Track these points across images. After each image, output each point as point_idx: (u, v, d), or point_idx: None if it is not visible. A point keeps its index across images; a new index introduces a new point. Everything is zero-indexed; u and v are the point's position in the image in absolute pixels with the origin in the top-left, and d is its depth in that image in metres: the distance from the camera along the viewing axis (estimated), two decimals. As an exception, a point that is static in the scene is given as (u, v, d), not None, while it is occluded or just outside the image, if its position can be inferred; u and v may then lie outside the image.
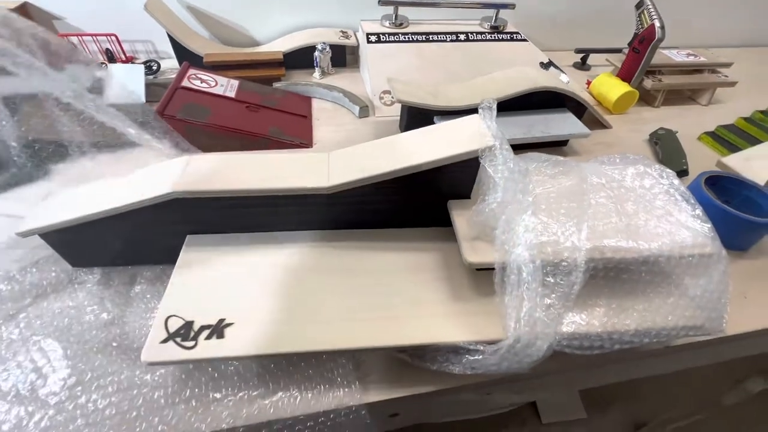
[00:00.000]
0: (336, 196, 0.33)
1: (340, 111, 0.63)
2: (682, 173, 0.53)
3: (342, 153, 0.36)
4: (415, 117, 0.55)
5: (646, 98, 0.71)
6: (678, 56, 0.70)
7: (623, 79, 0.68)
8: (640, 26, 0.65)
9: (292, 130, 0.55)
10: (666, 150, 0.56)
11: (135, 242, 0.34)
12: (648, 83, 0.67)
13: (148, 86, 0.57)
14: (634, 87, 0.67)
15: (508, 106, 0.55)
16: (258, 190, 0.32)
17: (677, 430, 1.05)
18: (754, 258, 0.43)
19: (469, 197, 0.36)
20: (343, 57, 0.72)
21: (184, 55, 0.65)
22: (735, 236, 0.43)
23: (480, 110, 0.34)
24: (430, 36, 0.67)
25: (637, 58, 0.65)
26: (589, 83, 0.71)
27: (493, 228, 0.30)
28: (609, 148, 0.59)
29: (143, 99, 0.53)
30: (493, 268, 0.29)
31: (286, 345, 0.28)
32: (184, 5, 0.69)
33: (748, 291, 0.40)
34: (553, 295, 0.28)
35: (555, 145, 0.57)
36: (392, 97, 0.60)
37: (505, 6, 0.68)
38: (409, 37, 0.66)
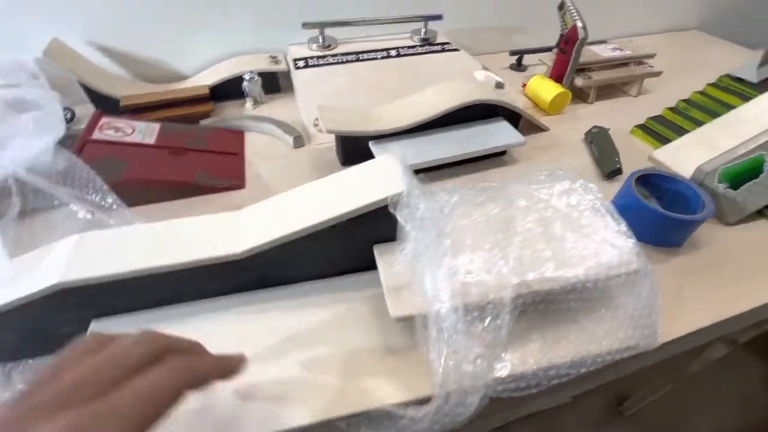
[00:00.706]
0: (251, 259, 0.31)
1: (274, 143, 0.60)
2: (615, 172, 0.54)
3: (254, 210, 0.34)
4: (350, 144, 0.53)
5: (580, 95, 0.72)
6: (605, 51, 0.72)
7: (555, 80, 0.69)
8: (564, 27, 0.66)
9: (223, 171, 0.53)
10: (600, 149, 0.57)
11: (33, 336, 0.31)
12: (579, 81, 0.68)
13: (63, 138, 0.53)
14: (566, 86, 0.68)
15: (442, 122, 0.54)
16: (161, 267, 0.29)
17: (655, 401, 1.10)
18: (688, 253, 0.44)
19: (395, 239, 0.35)
20: (276, 83, 0.70)
21: (100, 100, 0.61)
22: (668, 234, 0.44)
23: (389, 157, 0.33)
24: (361, 55, 0.66)
25: (565, 59, 0.66)
26: (524, 86, 0.71)
27: (413, 277, 0.29)
28: (547, 151, 0.60)
29: (49, 157, 0.48)
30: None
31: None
32: (95, 46, 0.64)
33: (684, 290, 0.41)
34: (482, 342, 0.27)
35: (494, 156, 0.57)
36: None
37: (432, 18, 0.68)
38: (338, 59, 0.65)
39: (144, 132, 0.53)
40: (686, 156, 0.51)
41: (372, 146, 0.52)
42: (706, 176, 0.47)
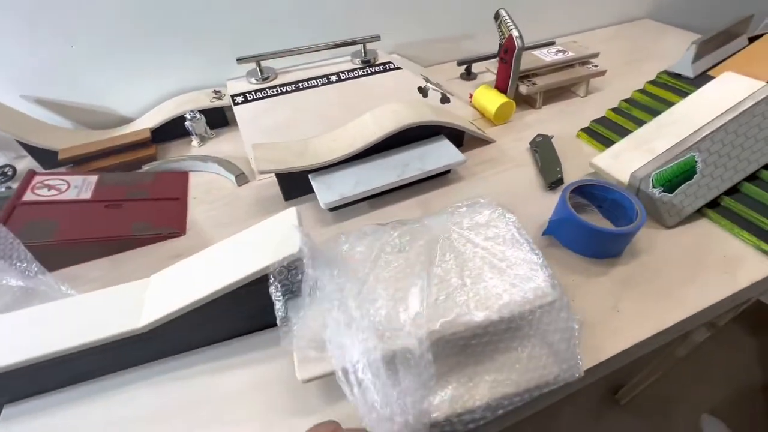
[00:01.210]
0: (158, 330, 0.31)
1: (219, 181, 0.60)
2: (558, 182, 0.54)
3: (162, 276, 0.33)
4: (287, 180, 0.53)
5: (529, 101, 0.72)
6: (548, 56, 0.72)
7: (500, 89, 0.68)
8: (502, 37, 0.66)
9: (163, 218, 0.52)
10: (543, 158, 0.57)
11: None
12: (523, 89, 0.68)
13: (1, 200, 0.52)
14: (511, 95, 0.68)
15: (383, 146, 0.54)
16: (61, 350, 0.29)
17: (647, 388, 1.10)
18: (627, 262, 0.44)
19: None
20: (223, 116, 0.69)
21: (40, 154, 0.60)
22: (604, 247, 0.43)
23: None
24: (301, 84, 0.65)
25: (507, 68, 0.66)
26: (471, 96, 0.71)
27: (323, 333, 0.28)
28: (493, 164, 0.60)
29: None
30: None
31: None
32: (32, 99, 0.63)
33: (620, 302, 0.40)
34: (406, 387, 0.27)
35: (438, 176, 0.56)
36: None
37: (369, 39, 0.67)
38: (278, 90, 0.64)
39: (80, 187, 0.52)
40: (624, 161, 0.51)
41: (312, 179, 0.52)
42: (641, 182, 0.47)
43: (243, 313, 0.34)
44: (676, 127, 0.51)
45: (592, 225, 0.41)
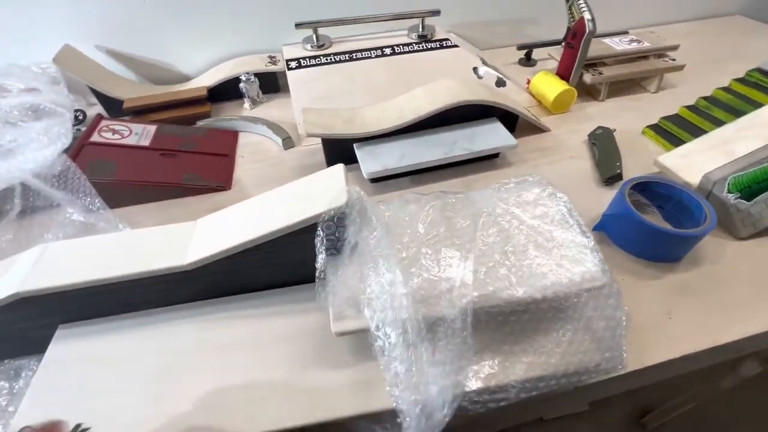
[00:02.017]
0: (202, 270, 0.32)
1: (266, 143, 0.61)
2: (616, 177, 0.50)
3: (209, 221, 0.34)
4: (333, 147, 0.53)
5: (591, 92, 0.67)
6: (620, 44, 0.66)
7: (562, 76, 0.64)
8: (571, 20, 0.61)
9: (211, 173, 0.54)
10: (602, 152, 0.53)
11: (6, 339, 0.33)
12: (588, 77, 0.64)
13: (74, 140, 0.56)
14: (573, 83, 0.64)
15: (431, 123, 0.52)
16: (114, 277, 0.30)
17: (681, 416, 1.03)
18: (684, 271, 0.40)
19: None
20: (276, 83, 0.70)
21: (108, 102, 0.64)
22: (661, 249, 0.40)
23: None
24: (355, 54, 0.65)
25: (573, 54, 0.62)
26: (529, 82, 0.67)
27: (362, 290, 0.28)
28: (545, 153, 0.57)
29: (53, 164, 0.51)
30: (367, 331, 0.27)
31: None
32: (104, 50, 0.67)
33: (674, 309, 0.37)
34: (441, 357, 0.26)
35: (486, 159, 0.54)
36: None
37: (429, 13, 0.65)
38: (331, 58, 0.64)
39: (140, 134, 0.55)
40: (696, 162, 0.47)
41: (356, 149, 0.52)
42: (715, 185, 0.42)
43: (282, 264, 0.34)
44: (763, 130, 0.46)
45: (654, 224, 0.38)
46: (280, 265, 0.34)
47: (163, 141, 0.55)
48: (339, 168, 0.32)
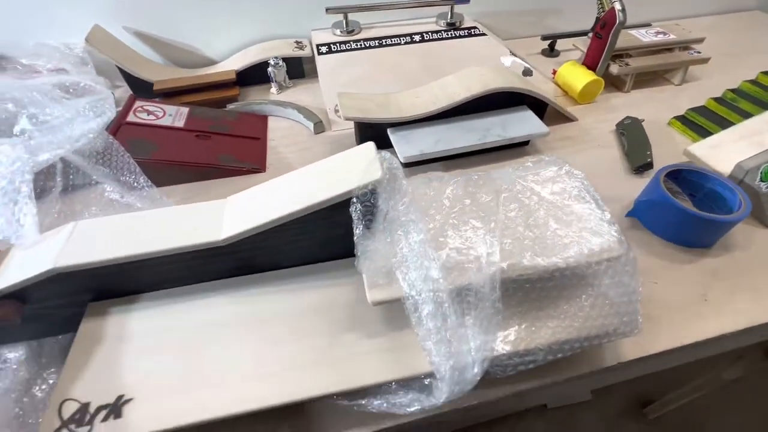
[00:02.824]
0: (235, 246, 0.32)
1: (296, 128, 0.61)
2: (646, 166, 0.51)
3: (240, 198, 0.35)
4: (367, 131, 0.53)
5: (616, 83, 0.68)
6: (646, 36, 0.67)
7: (589, 67, 0.65)
8: (601, 10, 0.62)
9: (245, 154, 0.54)
10: (631, 141, 0.54)
11: (33, 317, 0.33)
12: (614, 68, 0.64)
13: (100, 121, 0.56)
14: (600, 74, 0.64)
15: (463, 109, 0.53)
16: (147, 253, 0.31)
17: (683, 407, 1.05)
18: (717, 255, 0.42)
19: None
20: (301, 68, 0.70)
21: (136, 83, 0.64)
22: (696, 234, 0.41)
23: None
24: (384, 40, 0.65)
25: (601, 44, 0.62)
26: (554, 72, 0.68)
27: (394, 261, 0.29)
28: (574, 142, 0.57)
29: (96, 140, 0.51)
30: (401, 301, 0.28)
31: (191, 415, 0.27)
32: (132, 32, 0.67)
33: (710, 292, 0.38)
34: (471, 321, 0.27)
35: (516, 146, 0.55)
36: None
37: (458, 1, 0.65)
38: (361, 44, 0.64)
39: (174, 116, 0.55)
40: (727, 152, 0.48)
41: (390, 133, 0.52)
42: (747, 174, 0.43)
43: (313, 240, 0.35)
44: (794, 121, 0.47)
45: (691, 209, 0.39)
46: (311, 241, 0.35)
47: (196, 123, 0.56)
48: (370, 145, 0.33)
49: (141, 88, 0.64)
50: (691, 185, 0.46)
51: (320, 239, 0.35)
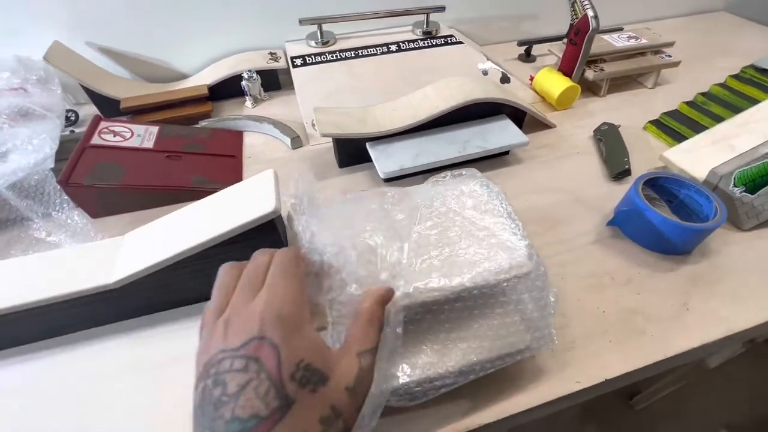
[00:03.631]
0: (129, 287, 0.31)
1: (273, 143, 0.60)
2: (624, 173, 0.51)
3: (137, 235, 0.34)
4: (345, 146, 0.52)
5: (592, 88, 0.69)
6: (619, 41, 0.68)
7: (565, 73, 0.65)
8: (574, 17, 0.62)
9: (219, 174, 0.52)
10: (609, 148, 0.55)
11: None
12: (590, 74, 0.65)
13: (63, 143, 0.53)
14: (576, 79, 0.65)
15: (443, 120, 0.52)
16: (32, 302, 0.29)
17: (669, 396, 1.08)
18: (696, 262, 0.42)
19: None
20: (277, 80, 0.69)
21: (102, 101, 0.61)
22: (675, 242, 0.41)
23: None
24: (360, 51, 0.64)
25: (576, 50, 0.63)
26: (532, 79, 0.68)
27: None
28: (553, 150, 0.58)
29: (52, 164, 0.48)
30: None
31: None
32: (95, 47, 0.64)
33: (690, 300, 0.39)
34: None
35: (497, 156, 0.55)
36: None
37: (434, 9, 0.65)
38: (337, 55, 0.63)
39: (143, 136, 0.53)
40: (700, 157, 0.48)
41: (369, 148, 0.51)
42: (721, 179, 0.44)
43: (208, 278, 0.34)
44: (762, 125, 0.48)
45: (670, 219, 0.39)
46: (214, 275, 0.34)
47: (167, 142, 0.53)
48: (269, 173, 0.33)
49: (108, 107, 0.62)
50: (667, 192, 0.46)
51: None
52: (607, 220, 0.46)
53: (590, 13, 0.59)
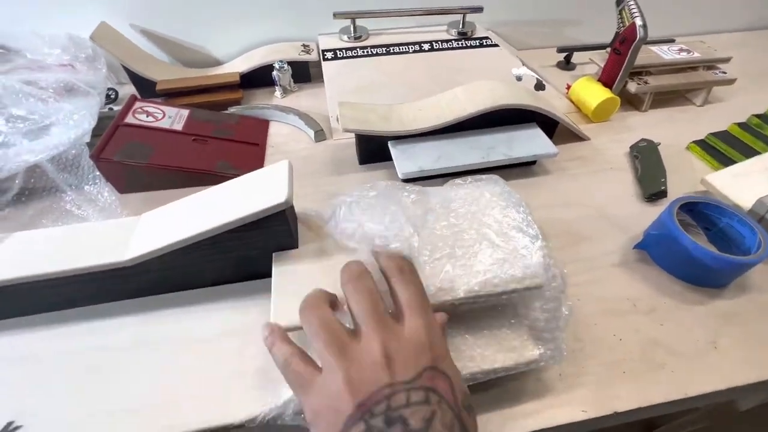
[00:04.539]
0: (143, 266, 0.32)
1: (297, 134, 0.60)
2: (659, 194, 0.48)
3: (153, 216, 0.35)
4: (367, 143, 0.52)
5: (633, 102, 0.65)
6: (668, 53, 0.64)
7: (605, 83, 0.62)
8: (621, 25, 0.59)
9: (243, 161, 0.53)
10: (645, 165, 0.51)
11: None
12: (632, 86, 0.61)
13: (100, 120, 0.56)
14: (616, 91, 0.61)
15: (469, 124, 0.51)
16: (50, 273, 0.30)
17: (690, 433, 1.01)
18: (731, 297, 0.39)
19: (296, 247, 0.34)
20: (308, 72, 0.69)
21: (141, 82, 0.64)
22: (708, 274, 0.38)
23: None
24: (392, 48, 0.63)
25: (619, 60, 0.59)
26: (569, 87, 0.65)
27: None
28: (584, 163, 0.55)
29: (88, 139, 0.51)
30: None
31: None
32: (138, 30, 0.67)
33: (720, 339, 0.36)
34: None
35: (523, 166, 0.53)
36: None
37: (471, 10, 0.63)
38: (368, 51, 0.62)
39: (173, 118, 0.55)
40: (748, 184, 0.45)
41: (391, 147, 0.50)
42: (769, 210, 0.41)
43: (226, 261, 0.34)
44: (825, 155, 0.43)
45: (706, 249, 0.36)
46: (224, 261, 0.34)
47: (196, 126, 0.55)
48: (284, 164, 0.33)
49: (145, 88, 0.64)
50: (706, 218, 0.43)
51: (233, 259, 0.34)
52: (635, 242, 0.43)
53: (639, 21, 0.56)
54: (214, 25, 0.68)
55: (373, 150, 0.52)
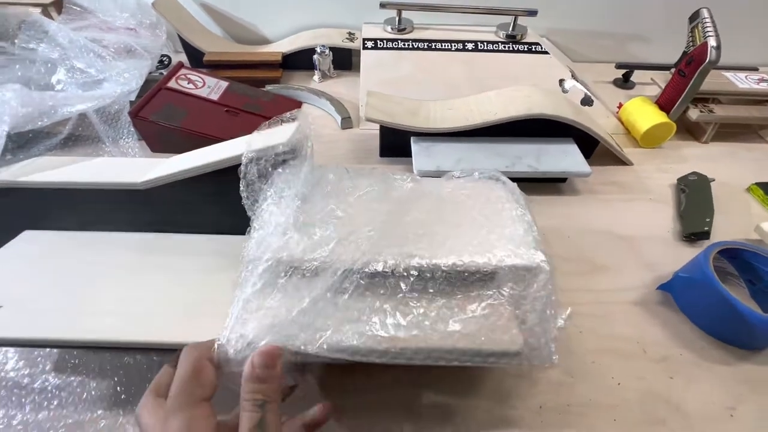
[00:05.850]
0: (155, 193, 0.35)
1: (326, 119, 0.60)
2: (701, 235, 0.43)
3: (185, 155, 0.39)
4: (390, 136, 0.51)
5: (693, 131, 0.58)
6: (744, 82, 0.57)
7: (662, 107, 0.56)
8: (691, 44, 0.53)
9: (268, 137, 0.54)
10: (691, 201, 0.46)
11: None
12: (694, 113, 0.55)
13: (147, 82, 0.59)
14: (674, 117, 0.56)
15: (500, 130, 0.48)
16: (75, 183, 0.35)
17: None
18: (763, 363, 0.34)
19: None
20: (349, 60, 0.69)
21: (192, 52, 0.67)
22: (741, 332, 0.34)
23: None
24: (433, 44, 0.61)
25: (683, 83, 0.54)
26: (620, 106, 0.60)
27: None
28: (622, 189, 0.50)
29: (133, 98, 0.55)
30: None
31: (54, 332, 0.28)
32: (198, 2, 0.70)
33: (740, 405, 0.31)
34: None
35: (550, 182, 0.49)
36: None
37: (525, 13, 0.60)
38: (409, 44, 0.61)
39: (213, 88, 0.57)
40: (812, 238, 0.39)
41: (413, 142, 0.49)
42: (831, 273, 0.35)
43: (229, 206, 0.34)
44: None
45: (743, 305, 0.32)
46: (224, 206, 0.35)
47: (231, 98, 0.56)
48: (294, 124, 0.34)
49: (195, 57, 0.67)
50: (751, 270, 0.38)
51: (233, 206, 0.34)
52: (660, 282, 0.39)
53: (711, 42, 0.50)
54: (269, 4, 0.70)
55: (395, 143, 0.51)
